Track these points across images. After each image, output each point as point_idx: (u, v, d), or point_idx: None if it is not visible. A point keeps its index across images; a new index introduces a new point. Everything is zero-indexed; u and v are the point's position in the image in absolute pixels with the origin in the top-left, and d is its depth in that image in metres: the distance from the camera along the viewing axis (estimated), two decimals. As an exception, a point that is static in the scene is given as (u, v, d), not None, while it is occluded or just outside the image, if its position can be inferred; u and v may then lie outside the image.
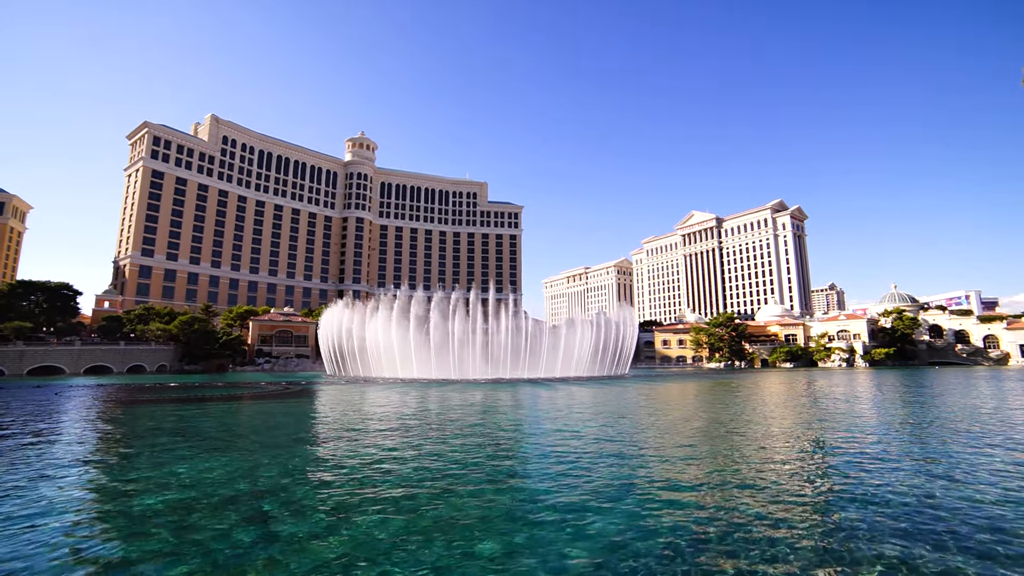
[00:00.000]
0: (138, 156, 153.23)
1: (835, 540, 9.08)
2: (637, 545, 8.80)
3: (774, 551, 8.51)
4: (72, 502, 11.80)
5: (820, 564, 8.03)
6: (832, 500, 11.61)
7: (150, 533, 9.58)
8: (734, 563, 8.03)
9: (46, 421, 26.24)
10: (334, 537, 9.31)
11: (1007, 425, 23.59)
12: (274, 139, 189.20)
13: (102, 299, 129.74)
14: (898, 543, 8.89)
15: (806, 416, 28.13)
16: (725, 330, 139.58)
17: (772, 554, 8.39)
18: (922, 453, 17.37)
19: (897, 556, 8.32)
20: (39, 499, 11.85)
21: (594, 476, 13.73)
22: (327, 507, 11.14)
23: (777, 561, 8.11)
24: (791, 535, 9.29)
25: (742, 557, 8.26)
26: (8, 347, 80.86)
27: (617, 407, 32.63)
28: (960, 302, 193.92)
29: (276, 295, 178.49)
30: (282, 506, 11.24)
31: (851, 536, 9.27)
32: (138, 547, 8.89)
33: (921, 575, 7.67)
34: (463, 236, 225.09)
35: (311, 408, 34.04)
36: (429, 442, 19.67)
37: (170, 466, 15.36)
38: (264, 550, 8.70)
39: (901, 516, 10.38)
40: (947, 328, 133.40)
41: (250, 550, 8.70)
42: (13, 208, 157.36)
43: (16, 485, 13.17)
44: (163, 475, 14.20)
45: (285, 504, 11.38)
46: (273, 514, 10.68)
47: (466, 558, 8.36)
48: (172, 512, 10.83)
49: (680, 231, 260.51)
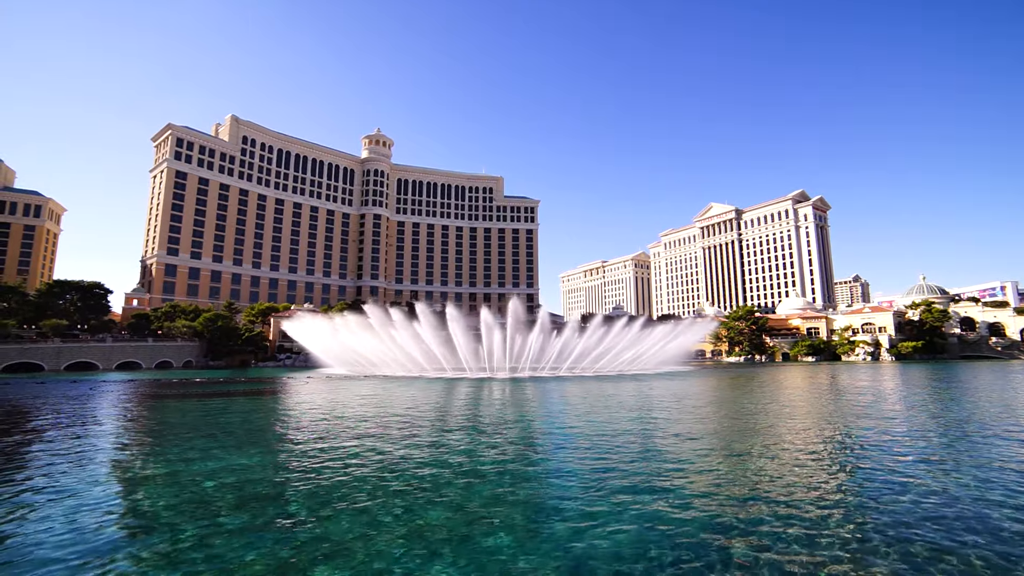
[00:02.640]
0: (162, 158, 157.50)
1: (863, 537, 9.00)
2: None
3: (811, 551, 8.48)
4: (106, 483, 12.43)
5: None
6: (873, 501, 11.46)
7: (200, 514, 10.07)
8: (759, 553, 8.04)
9: (88, 414, 27.49)
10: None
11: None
12: (292, 138, 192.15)
13: (131, 297, 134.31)
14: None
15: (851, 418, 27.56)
16: (745, 323, 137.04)
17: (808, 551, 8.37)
18: (959, 455, 16.92)
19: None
20: (80, 482, 12.52)
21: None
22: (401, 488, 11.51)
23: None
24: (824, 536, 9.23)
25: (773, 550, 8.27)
26: (47, 344, 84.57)
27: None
28: (995, 293, 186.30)
29: (296, 292, 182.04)
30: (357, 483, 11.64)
31: (879, 536, 9.17)
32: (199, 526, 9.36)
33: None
34: (479, 231, 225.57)
35: (337, 399, 34.83)
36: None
37: (209, 458, 16.00)
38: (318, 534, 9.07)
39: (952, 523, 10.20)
40: (980, 321, 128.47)
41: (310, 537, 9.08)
42: (49, 211, 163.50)
43: (59, 470, 13.92)
44: (200, 466, 14.82)
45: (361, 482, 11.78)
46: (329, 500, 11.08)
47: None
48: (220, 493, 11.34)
49: (699, 223, 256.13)
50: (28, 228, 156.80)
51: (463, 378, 58.79)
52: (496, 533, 9.58)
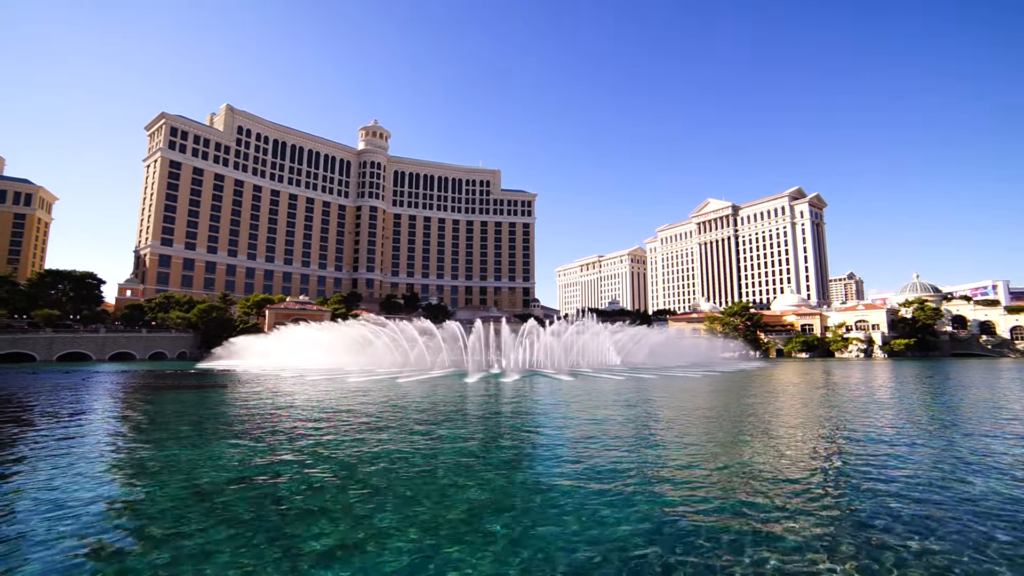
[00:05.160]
0: (156, 147, 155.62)
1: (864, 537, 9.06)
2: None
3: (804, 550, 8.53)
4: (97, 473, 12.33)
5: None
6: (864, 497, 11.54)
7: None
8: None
9: (77, 404, 27.27)
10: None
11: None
12: (288, 128, 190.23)
13: (124, 288, 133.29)
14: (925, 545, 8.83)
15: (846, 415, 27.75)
16: (740, 319, 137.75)
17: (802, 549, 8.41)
18: (953, 449, 17.09)
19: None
20: (74, 475, 12.41)
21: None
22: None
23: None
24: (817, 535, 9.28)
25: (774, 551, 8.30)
26: (39, 334, 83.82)
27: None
28: (986, 292, 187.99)
29: (291, 283, 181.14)
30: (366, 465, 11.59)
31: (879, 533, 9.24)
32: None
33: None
34: (476, 224, 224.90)
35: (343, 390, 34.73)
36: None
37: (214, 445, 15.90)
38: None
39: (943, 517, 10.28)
40: (971, 319, 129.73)
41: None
42: (40, 199, 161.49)
43: (51, 463, 13.79)
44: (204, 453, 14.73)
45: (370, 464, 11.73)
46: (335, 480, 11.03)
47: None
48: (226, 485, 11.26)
49: (695, 219, 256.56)
50: (18, 217, 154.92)
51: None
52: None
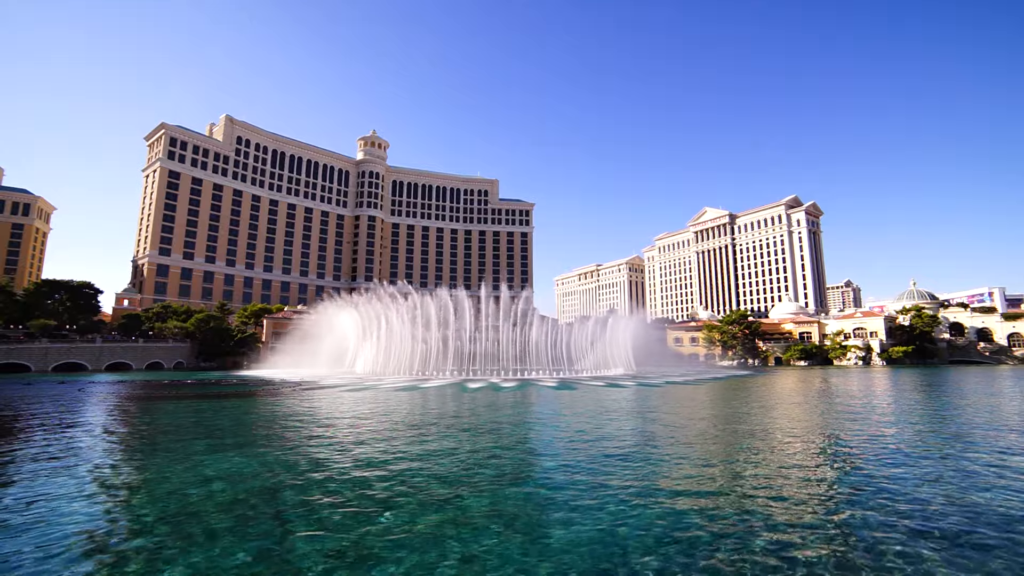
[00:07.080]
0: (155, 157, 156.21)
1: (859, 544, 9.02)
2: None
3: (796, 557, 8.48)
4: (91, 488, 12.20)
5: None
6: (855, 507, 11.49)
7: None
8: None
9: (74, 415, 27.04)
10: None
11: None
12: (287, 138, 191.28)
13: (122, 297, 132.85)
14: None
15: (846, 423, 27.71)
16: (738, 327, 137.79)
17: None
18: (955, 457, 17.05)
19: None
20: (64, 484, 12.28)
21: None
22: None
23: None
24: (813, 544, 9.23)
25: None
26: (35, 344, 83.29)
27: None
28: (983, 299, 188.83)
29: (290, 293, 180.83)
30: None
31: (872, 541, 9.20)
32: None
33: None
34: (474, 234, 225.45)
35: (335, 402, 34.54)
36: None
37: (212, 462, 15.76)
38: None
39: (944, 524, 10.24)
40: (969, 326, 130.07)
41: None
42: (38, 209, 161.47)
43: (43, 473, 13.65)
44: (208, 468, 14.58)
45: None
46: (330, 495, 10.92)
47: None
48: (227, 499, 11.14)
49: (693, 228, 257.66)
50: (16, 226, 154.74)
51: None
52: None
